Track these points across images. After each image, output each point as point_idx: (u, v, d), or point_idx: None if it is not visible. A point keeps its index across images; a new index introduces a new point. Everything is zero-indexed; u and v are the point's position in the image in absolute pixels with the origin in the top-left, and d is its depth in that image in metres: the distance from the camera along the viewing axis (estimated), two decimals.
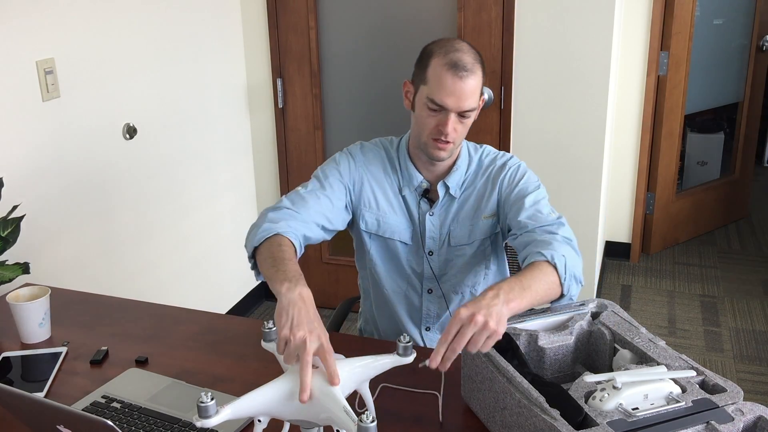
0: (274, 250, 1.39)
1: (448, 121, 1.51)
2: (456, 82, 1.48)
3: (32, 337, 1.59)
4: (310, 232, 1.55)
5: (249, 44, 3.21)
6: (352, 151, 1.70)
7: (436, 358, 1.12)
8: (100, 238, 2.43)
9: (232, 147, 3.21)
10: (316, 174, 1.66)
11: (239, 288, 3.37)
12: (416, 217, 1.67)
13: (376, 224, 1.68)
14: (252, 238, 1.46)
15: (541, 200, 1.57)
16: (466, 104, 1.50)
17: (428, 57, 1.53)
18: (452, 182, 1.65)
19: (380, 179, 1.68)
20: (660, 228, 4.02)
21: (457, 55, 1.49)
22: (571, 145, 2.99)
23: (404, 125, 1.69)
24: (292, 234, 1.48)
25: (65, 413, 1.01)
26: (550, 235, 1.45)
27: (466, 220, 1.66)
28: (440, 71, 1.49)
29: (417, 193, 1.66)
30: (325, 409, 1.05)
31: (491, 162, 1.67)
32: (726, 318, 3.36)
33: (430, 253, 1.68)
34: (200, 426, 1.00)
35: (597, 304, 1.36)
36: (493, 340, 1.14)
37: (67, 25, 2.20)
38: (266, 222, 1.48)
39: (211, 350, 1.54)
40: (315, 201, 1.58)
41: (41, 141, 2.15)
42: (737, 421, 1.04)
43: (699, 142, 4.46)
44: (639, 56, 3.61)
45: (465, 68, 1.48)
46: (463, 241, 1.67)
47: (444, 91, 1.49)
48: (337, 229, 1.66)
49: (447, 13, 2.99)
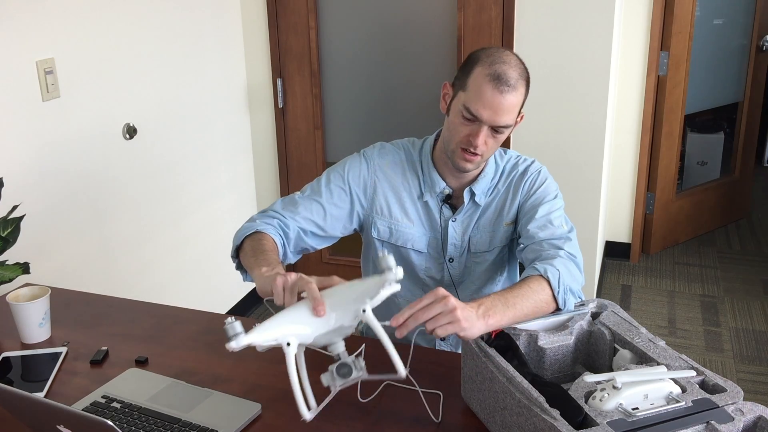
0: (254, 245, 1.45)
1: (480, 133, 1.46)
2: (495, 95, 1.43)
3: (32, 337, 1.59)
4: (297, 235, 1.56)
5: (249, 44, 3.21)
6: (369, 154, 1.66)
7: (399, 319, 1.14)
8: (100, 238, 2.43)
9: (231, 147, 3.21)
10: (320, 178, 1.64)
11: (239, 288, 3.37)
12: (438, 224, 1.64)
13: (388, 232, 1.65)
14: (235, 239, 1.51)
15: (554, 211, 1.54)
16: (501, 120, 1.45)
17: (473, 64, 1.47)
18: (479, 189, 1.61)
19: (396, 185, 1.64)
20: (660, 228, 4.02)
21: (503, 68, 1.44)
22: (571, 145, 2.99)
23: (404, 125, 1.69)
24: (272, 231, 1.51)
25: (65, 413, 1.01)
26: (554, 250, 1.44)
27: (488, 226, 1.63)
28: (481, 81, 1.44)
29: (439, 198, 1.62)
30: (341, 307, 1.13)
31: (513, 167, 1.64)
32: (726, 318, 3.36)
33: (450, 260, 1.65)
34: (233, 347, 1.08)
35: (597, 304, 1.36)
36: (453, 328, 1.15)
37: (67, 25, 2.20)
38: (248, 222, 1.54)
39: (211, 350, 1.54)
40: (306, 207, 1.58)
41: (41, 141, 2.15)
42: (737, 421, 1.04)
43: (699, 142, 4.47)
44: (639, 56, 3.61)
45: (507, 83, 1.43)
46: (484, 248, 1.64)
47: (481, 103, 1.44)
48: (334, 236, 1.64)
49: (447, 13, 2.99)
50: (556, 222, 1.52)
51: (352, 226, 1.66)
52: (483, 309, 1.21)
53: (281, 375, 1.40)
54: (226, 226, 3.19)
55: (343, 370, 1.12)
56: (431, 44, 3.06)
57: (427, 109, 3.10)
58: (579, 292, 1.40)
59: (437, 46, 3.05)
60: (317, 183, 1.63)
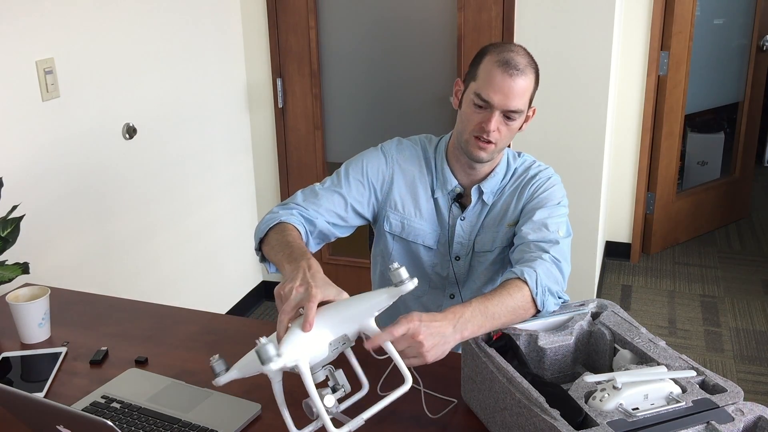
0: (279, 237, 1.44)
1: (492, 118, 1.48)
2: (505, 78, 1.46)
3: (32, 337, 1.59)
4: (320, 225, 1.56)
5: (249, 44, 3.21)
6: (387, 148, 1.68)
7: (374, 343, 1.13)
8: (100, 238, 2.43)
9: (231, 147, 3.21)
10: (339, 171, 1.65)
11: (239, 288, 3.37)
12: (446, 221, 1.65)
13: (400, 227, 1.67)
14: (257, 232, 1.51)
15: (553, 216, 1.54)
16: (512, 104, 1.48)
17: (482, 55, 1.52)
18: (487, 188, 1.62)
19: (413, 180, 1.66)
20: (660, 228, 4.02)
21: (511, 54, 1.48)
22: (571, 145, 2.99)
23: (404, 125, 1.69)
24: (296, 221, 1.51)
25: (65, 413, 1.01)
26: (538, 252, 1.45)
27: (492, 226, 1.64)
28: (491, 67, 1.48)
29: (450, 197, 1.64)
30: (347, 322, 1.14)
31: (524, 171, 1.64)
32: (726, 318, 3.36)
33: (456, 258, 1.67)
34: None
35: (597, 304, 1.36)
36: (417, 362, 1.16)
37: (67, 25, 2.20)
38: (270, 214, 1.53)
39: (211, 350, 1.54)
40: (328, 198, 1.59)
41: (41, 141, 2.15)
42: (737, 421, 1.04)
43: (699, 142, 4.47)
44: (639, 56, 3.61)
45: (516, 67, 1.46)
46: (486, 247, 1.65)
47: (492, 87, 1.47)
48: (352, 226, 1.65)
49: (447, 13, 2.99)
50: (551, 227, 1.51)
51: (368, 217, 1.68)
52: (462, 322, 1.21)
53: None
54: (226, 226, 3.19)
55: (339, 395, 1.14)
56: (431, 44, 3.06)
57: (428, 108, 3.10)
58: (560, 293, 1.39)
59: (437, 46, 3.05)
60: (336, 175, 1.64)
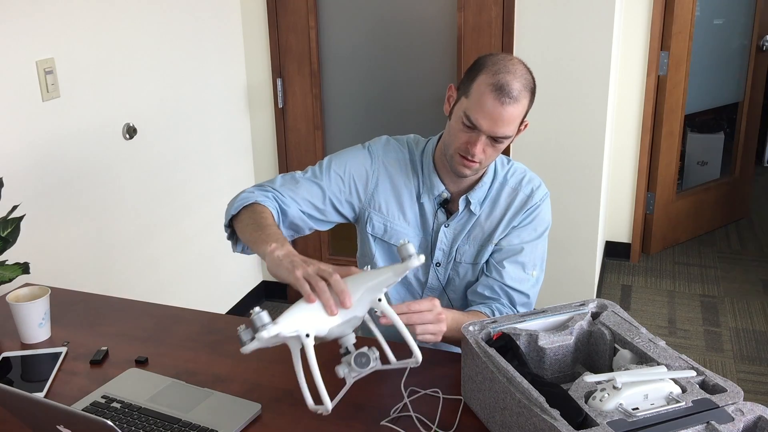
0: (255, 217, 1.44)
1: (478, 142, 1.45)
2: (496, 106, 1.41)
3: (32, 337, 1.59)
4: (293, 213, 1.55)
5: (249, 44, 3.21)
6: (374, 147, 1.65)
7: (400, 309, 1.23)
8: (100, 238, 2.43)
9: (231, 147, 3.21)
10: (322, 162, 1.63)
11: (239, 288, 3.37)
12: (430, 227, 1.63)
13: (383, 229, 1.64)
14: (230, 208, 1.50)
15: (534, 254, 1.60)
16: (500, 131, 1.44)
17: (478, 70, 1.45)
18: (475, 198, 1.59)
19: (397, 183, 1.63)
20: (660, 228, 4.02)
21: (507, 78, 1.41)
22: (571, 145, 2.99)
23: (404, 126, 1.69)
24: (271, 204, 1.50)
25: (65, 413, 1.01)
26: (507, 303, 1.58)
27: (477, 241, 1.62)
28: (483, 90, 1.42)
29: (436, 202, 1.61)
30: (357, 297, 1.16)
31: (517, 185, 1.61)
32: (726, 318, 3.36)
33: (437, 264, 1.65)
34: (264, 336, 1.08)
35: (597, 304, 1.36)
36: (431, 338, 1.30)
37: (67, 25, 2.20)
38: (245, 193, 1.52)
39: (211, 350, 1.54)
40: (306, 188, 1.57)
41: (41, 141, 2.15)
42: (737, 421, 1.04)
43: (699, 142, 4.47)
44: (639, 56, 3.61)
45: (510, 95, 1.41)
46: (469, 260, 1.63)
47: (481, 112, 1.42)
48: (330, 221, 1.63)
49: (447, 13, 2.99)
50: (528, 268, 1.59)
51: (347, 215, 1.65)
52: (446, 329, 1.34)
53: (281, 375, 1.41)
54: None
55: (362, 359, 1.13)
56: (431, 44, 3.06)
57: (428, 109, 3.10)
58: None
59: (437, 46, 3.05)
60: (319, 166, 1.62)
